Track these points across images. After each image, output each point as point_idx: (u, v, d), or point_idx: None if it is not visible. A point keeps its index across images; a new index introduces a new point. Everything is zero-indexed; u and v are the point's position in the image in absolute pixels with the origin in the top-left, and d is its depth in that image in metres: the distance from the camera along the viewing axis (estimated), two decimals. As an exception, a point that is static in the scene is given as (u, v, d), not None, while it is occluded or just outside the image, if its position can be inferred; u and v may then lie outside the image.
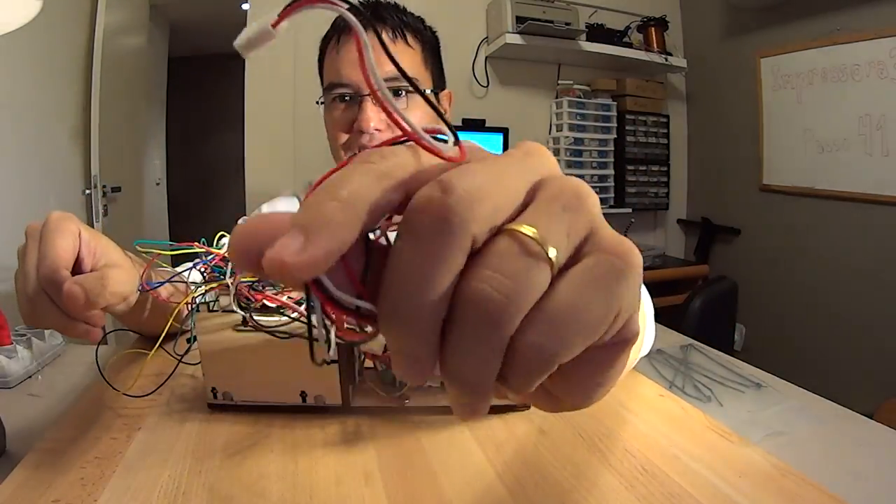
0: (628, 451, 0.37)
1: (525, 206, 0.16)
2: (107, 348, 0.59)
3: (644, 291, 0.53)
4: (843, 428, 0.47)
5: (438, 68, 0.80)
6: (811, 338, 2.05)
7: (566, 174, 0.17)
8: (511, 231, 0.14)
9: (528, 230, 0.14)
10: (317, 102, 0.77)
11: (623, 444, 0.38)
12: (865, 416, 0.47)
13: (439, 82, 0.80)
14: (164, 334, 0.41)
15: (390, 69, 0.19)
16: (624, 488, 0.32)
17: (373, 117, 0.69)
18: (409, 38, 0.74)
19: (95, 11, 1.74)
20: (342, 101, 0.73)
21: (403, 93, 0.72)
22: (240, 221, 0.82)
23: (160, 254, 0.42)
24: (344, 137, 0.73)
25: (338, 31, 0.74)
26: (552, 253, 0.14)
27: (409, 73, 0.64)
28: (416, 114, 0.71)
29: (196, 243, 0.41)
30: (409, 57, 0.74)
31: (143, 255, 0.42)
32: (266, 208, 0.88)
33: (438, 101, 0.79)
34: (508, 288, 0.14)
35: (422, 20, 0.79)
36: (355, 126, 0.71)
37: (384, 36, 0.72)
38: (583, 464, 0.35)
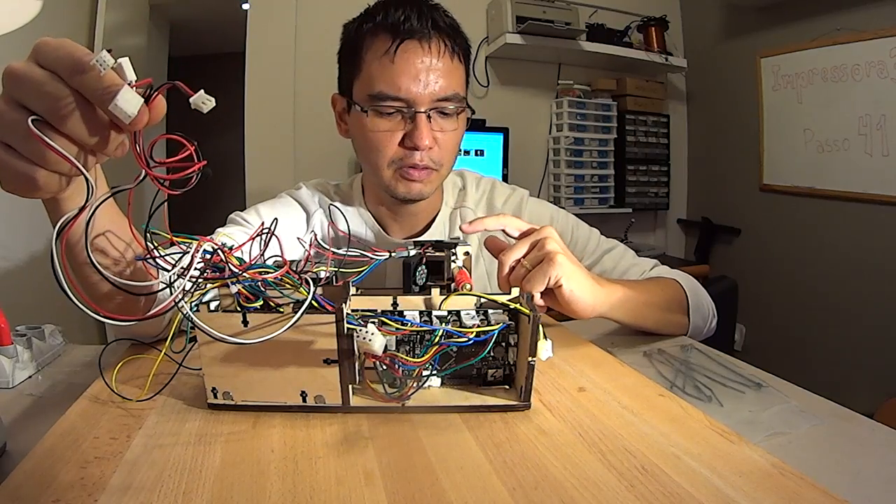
0: (628, 450, 0.37)
1: None
2: (107, 349, 0.59)
3: (691, 282, 0.75)
4: (843, 428, 0.47)
5: (468, 78, 0.77)
6: (811, 338, 2.05)
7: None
8: None
9: None
10: (362, 110, 0.69)
11: (623, 444, 0.38)
12: (865, 416, 0.47)
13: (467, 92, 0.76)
14: (171, 336, 0.41)
15: (443, 86, 0.20)
16: (624, 488, 0.32)
17: (427, 135, 0.67)
18: (460, 54, 0.72)
19: (95, 11, 1.74)
20: (388, 113, 0.68)
21: (452, 113, 0.70)
22: (231, 216, 0.80)
23: (167, 237, 0.40)
24: (393, 151, 0.69)
25: (395, 33, 0.66)
26: None
27: (459, 92, 0.72)
28: (459, 133, 0.72)
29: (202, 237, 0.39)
30: (459, 76, 0.72)
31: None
32: (265, 210, 0.80)
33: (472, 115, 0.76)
34: None
35: (459, 25, 0.74)
36: (408, 142, 0.68)
37: (444, 48, 0.68)
38: (583, 464, 0.35)
